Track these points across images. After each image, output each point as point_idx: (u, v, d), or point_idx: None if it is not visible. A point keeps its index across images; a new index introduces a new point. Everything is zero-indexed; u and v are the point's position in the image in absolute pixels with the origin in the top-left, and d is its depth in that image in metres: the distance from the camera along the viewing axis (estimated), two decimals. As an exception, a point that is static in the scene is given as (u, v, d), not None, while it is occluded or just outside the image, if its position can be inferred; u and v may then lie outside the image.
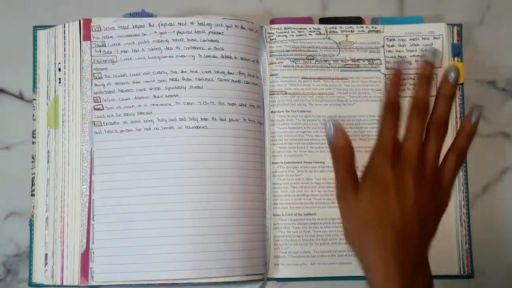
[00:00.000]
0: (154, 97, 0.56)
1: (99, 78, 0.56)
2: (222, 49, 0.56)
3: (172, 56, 0.56)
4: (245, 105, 0.57)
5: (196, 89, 0.56)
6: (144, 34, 0.56)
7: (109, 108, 0.56)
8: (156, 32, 0.56)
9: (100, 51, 0.57)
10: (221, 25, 0.56)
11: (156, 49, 0.56)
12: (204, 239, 0.54)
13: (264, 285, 0.58)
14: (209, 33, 0.56)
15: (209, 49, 0.56)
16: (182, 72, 0.56)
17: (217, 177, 0.55)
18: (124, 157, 0.55)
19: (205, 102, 0.56)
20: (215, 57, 0.56)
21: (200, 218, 0.54)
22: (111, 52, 0.57)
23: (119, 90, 0.56)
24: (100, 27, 0.57)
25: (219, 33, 0.56)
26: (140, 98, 0.56)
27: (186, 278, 0.54)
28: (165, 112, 0.55)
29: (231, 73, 0.56)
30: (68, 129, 0.57)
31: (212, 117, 0.55)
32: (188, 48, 0.56)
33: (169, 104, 0.56)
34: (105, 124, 0.56)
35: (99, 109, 0.56)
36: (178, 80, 0.56)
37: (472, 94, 0.62)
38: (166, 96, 0.56)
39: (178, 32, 0.56)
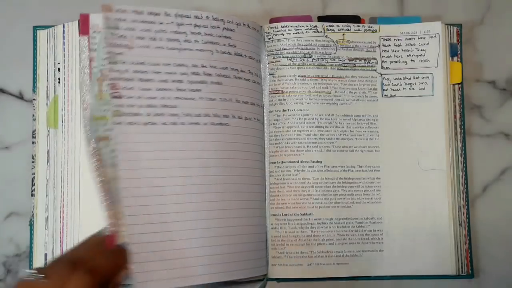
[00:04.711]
0: (178, 90, 0.52)
1: (114, 63, 0.52)
2: (235, 46, 0.55)
3: (191, 49, 0.53)
4: (254, 104, 0.56)
5: (216, 85, 0.53)
6: (161, 23, 0.53)
7: (128, 97, 0.51)
8: (173, 23, 0.53)
9: (112, 34, 0.52)
10: (232, 22, 0.55)
11: (175, 40, 0.53)
12: (216, 241, 0.51)
13: (264, 285, 0.58)
14: (223, 29, 0.55)
15: (224, 45, 0.54)
16: (203, 66, 0.53)
17: (235, 176, 0.53)
18: (147, 152, 0.51)
19: (225, 99, 0.54)
20: (229, 53, 0.55)
21: (212, 219, 0.52)
22: (125, 36, 0.52)
23: (138, 79, 0.52)
24: (111, 8, 0.52)
25: (231, 30, 0.55)
26: (163, 89, 0.52)
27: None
28: (190, 107, 0.52)
29: (243, 71, 0.55)
30: (68, 129, 0.57)
31: (232, 114, 0.54)
32: (206, 42, 0.54)
33: (193, 99, 0.52)
34: (126, 114, 0.51)
35: (117, 97, 0.51)
36: (200, 75, 0.53)
37: (472, 94, 0.62)
38: (190, 90, 0.53)
39: (195, 25, 0.54)
